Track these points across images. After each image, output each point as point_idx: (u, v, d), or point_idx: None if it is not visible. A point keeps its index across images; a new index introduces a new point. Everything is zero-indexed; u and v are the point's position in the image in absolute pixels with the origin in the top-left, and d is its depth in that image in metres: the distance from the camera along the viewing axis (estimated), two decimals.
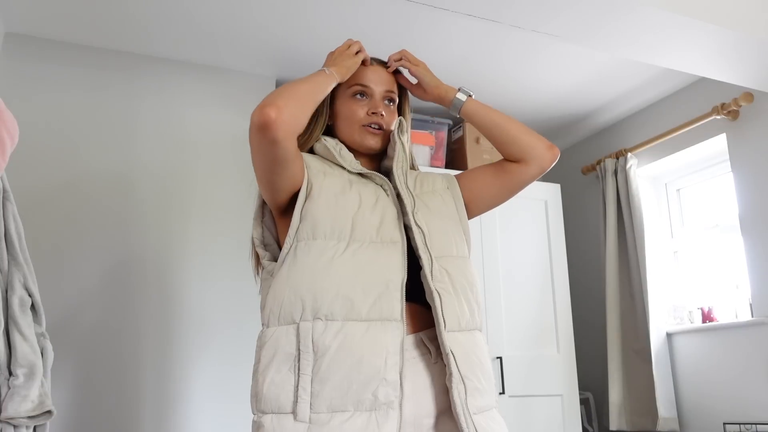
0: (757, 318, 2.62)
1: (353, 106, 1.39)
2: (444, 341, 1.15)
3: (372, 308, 1.14)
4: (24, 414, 1.50)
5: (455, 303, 1.21)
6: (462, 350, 1.17)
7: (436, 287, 1.19)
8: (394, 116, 1.42)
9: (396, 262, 1.19)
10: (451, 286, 1.22)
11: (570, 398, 2.95)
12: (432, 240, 1.25)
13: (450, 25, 2.51)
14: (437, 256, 1.24)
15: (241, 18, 2.45)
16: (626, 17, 2.05)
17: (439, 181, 1.44)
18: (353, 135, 1.38)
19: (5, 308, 1.55)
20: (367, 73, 1.42)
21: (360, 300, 1.14)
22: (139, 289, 2.47)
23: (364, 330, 1.12)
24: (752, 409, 2.61)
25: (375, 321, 1.13)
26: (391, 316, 1.14)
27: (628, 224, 3.15)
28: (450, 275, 1.23)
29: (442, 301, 1.18)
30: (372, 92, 1.40)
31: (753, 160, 2.72)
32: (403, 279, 1.18)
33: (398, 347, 1.13)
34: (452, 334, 1.17)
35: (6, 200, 1.63)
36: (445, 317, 1.17)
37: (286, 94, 1.19)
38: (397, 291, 1.17)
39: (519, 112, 3.30)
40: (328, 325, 1.12)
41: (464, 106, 1.42)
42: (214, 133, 2.74)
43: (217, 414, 2.44)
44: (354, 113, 1.38)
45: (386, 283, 1.16)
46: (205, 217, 2.62)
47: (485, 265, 2.93)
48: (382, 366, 1.10)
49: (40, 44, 2.54)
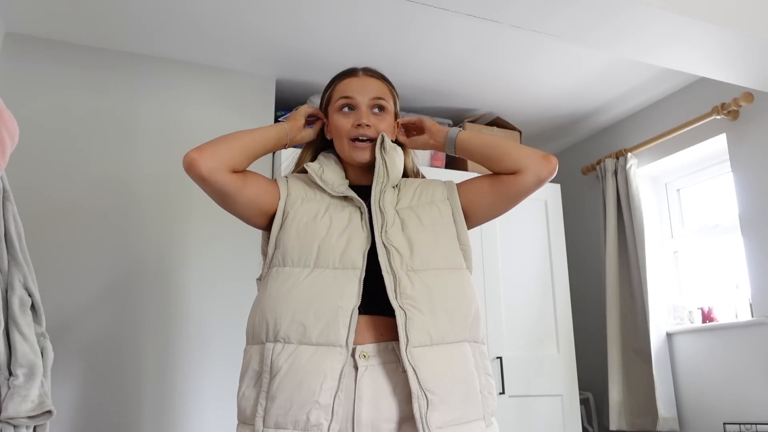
0: (757, 318, 2.62)
1: (341, 120, 1.40)
2: (403, 357, 1.17)
3: (321, 333, 1.19)
4: (24, 414, 1.50)
5: (427, 318, 1.22)
6: (429, 365, 1.18)
7: (403, 304, 1.21)
8: (385, 123, 1.42)
9: (350, 288, 1.22)
10: (426, 300, 1.23)
11: (570, 398, 2.95)
12: (413, 254, 1.27)
13: (450, 25, 2.51)
14: (418, 269, 1.26)
15: (241, 18, 2.45)
16: (626, 17, 2.05)
17: (439, 191, 1.43)
18: (344, 149, 1.40)
19: (5, 308, 1.55)
20: (352, 84, 1.43)
21: (311, 325, 1.19)
22: (139, 289, 2.47)
23: (311, 354, 1.18)
24: (752, 409, 2.61)
25: (322, 346, 1.18)
26: (336, 341, 1.18)
27: (628, 224, 3.15)
28: (429, 288, 1.24)
29: (407, 317, 1.20)
30: (357, 103, 1.40)
31: (753, 160, 2.72)
32: (354, 305, 1.21)
33: (337, 373, 1.17)
34: (419, 350, 1.19)
35: (6, 200, 1.63)
36: (408, 334, 1.19)
37: (216, 139, 1.34)
38: (345, 317, 1.19)
39: (519, 112, 3.30)
40: (284, 347, 1.20)
41: (459, 135, 1.43)
42: (214, 133, 2.70)
43: (217, 414, 2.44)
44: (342, 127, 1.40)
45: (336, 309, 1.20)
46: (205, 217, 2.62)
47: (485, 266, 2.93)
48: (317, 390, 1.15)
49: (40, 44, 2.54)
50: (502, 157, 1.37)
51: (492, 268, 2.94)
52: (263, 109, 2.85)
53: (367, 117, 1.39)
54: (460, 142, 1.42)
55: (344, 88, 1.43)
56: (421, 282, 1.24)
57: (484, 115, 3.29)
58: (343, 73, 1.47)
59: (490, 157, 1.39)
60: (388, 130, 1.42)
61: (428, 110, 3.21)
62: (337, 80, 1.47)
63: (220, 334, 2.51)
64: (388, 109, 1.44)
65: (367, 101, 1.40)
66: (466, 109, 3.24)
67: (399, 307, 1.21)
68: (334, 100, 1.43)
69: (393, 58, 2.74)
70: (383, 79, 1.47)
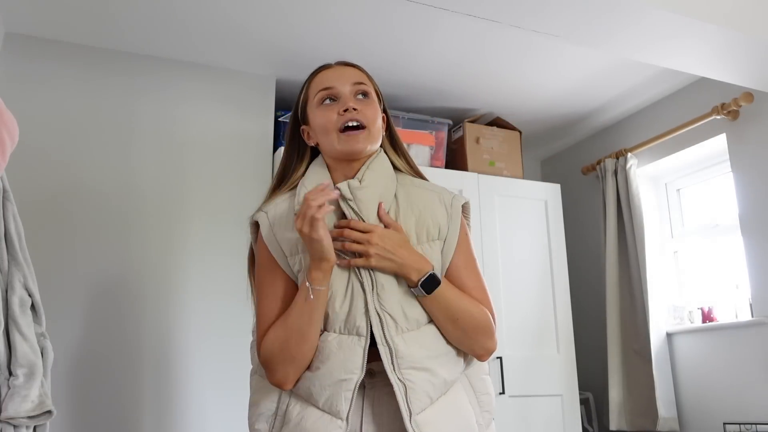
0: (757, 318, 2.62)
1: (324, 113, 1.27)
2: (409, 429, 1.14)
3: (325, 402, 1.18)
4: (24, 414, 1.50)
5: (427, 382, 1.18)
6: (433, 428, 1.16)
7: (402, 377, 1.17)
8: (372, 109, 1.29)
9: (355, 359, 1.17)
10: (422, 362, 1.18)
11: (570, 398, 2.95)
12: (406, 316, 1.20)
13: (450, 25, 2.51)
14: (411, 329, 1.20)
15: (241, 18, 2.45)
16: (626, 17, 2.05)
17: (441, 222, 1.28)
18: (336, 145, 1.26)
19: (5, 308, 1.55)
20: (329, 75, 1.32)
21: (317, 392, 1.19)
22: (139, 288, 2.46)
23: (317, 418, 1.18)
24: (752, 409, 2.61)
25: (326, 413, 1.18)
26: (337, 414, 1.17)
27: (628, 224, 3.15)
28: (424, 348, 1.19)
29: (407, 389, 1.16)
30: (338, 92, 1.28)
31: (753, 160, 2.72)
32: (358, 378, 1.17)
33: None
34: (422, 416, 1.16)
35: (6, 200, 1.63)
36: (411, 405, 1.16)
37: (281, 359, 1.20)
38: (348, 391, 1.17)
39: (519, 112, 3.30)
40: (297, 403, 1.21)
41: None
42: (213, 132, 2.74)
43: (217, 414, 2.44)
44: (327, 120, 1.26)
45: (340, 383, 1.17)
46: (204, 216, 2.62)
47: (485, 266, 2.93)
48: None
49: (40, 44, 2.54)
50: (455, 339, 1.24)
51: (492, 267, 2.94)
52: (263, 109, 2.85)
53: (354, 102, 1.27)
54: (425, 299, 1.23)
55: (321, 81, 1.31)
56: (416, 343, 1.19)
57: (484, 115, 3.30)
58: (315, 70, 1.36)
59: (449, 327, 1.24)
60: (375, 117, 1.29)
61: (428, 110, 3.21)
62: (311, 77, 1.35)
63: (220, 334, 2.51)
64: (372, 95, 1.32)
65: (348, 88, 1.29)
66: (466, 109, 3.25)
67: (398, 380, 1.16)
68: (312, 97, 1.31)
69: (393, 58, 2.74)
70: (360, 68, 1.36)
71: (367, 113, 1.27)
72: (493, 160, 3.14)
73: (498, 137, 3.19)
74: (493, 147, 3.16)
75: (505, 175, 3.14)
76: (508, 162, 3.18)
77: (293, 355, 1.19)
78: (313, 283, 1.17)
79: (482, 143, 3.13)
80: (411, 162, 1.40)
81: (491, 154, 3.14)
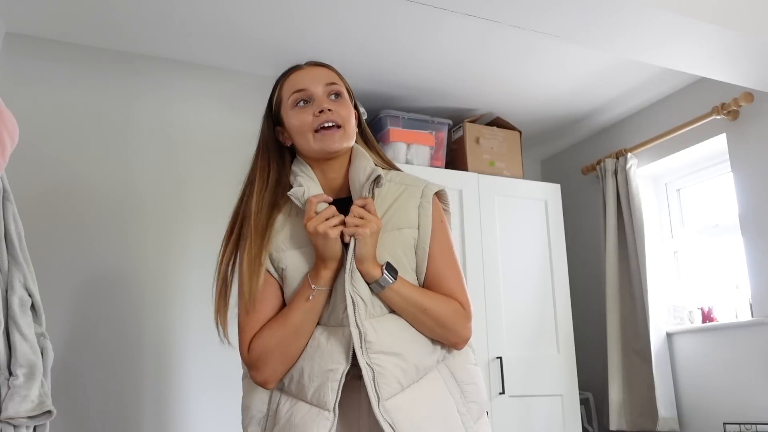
0: (757, 318, 2.62)
1: (299, 115, 1.29)
2: (378, 415, 1.14)
3: (314, 395, 1.19)
4: (24, 414, 1.50)
5: (397, 367, 1.18)
6: (404, 415, 1.16)
7: (370, 361, 1.17)
8: (346, 108, 1.31)
9: (340, 350, 1.19)
10: (391, 348, 1.18)
11: (570, 398, 2.95)
12: (373, 300, 1.21)
13: (449, 24, 2.51)
14: (377, 315, 1.21)
15: (241, 18, 2.45)
16: (626, 17, 2.05)
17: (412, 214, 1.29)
18: (312, 145, 1.28)
19: (5, 308, 1.55)
20: (300, 77, 1.33)
21: (307, 385, 1.20)
22: (139, 288, 2.46)
23: (305, 412, 1.19)
24: (752, 409, 2.61)
25: (314, 407, 1.19)
26: (325, 405, 1.18)
27: (628, 224, 3.15)
28: (392, 335, 1.20)
29: (374, 373, 1.16)
30: (311, 93, 1.30)
31: (753, 160, 2.72)
32: (344, 368, 1.18)
33: None
34: (391, 401, 1.16)
35: (6, 200, 1.63)
36: (379, 390, 1.16)
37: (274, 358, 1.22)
38: (335, 382, 1.18)
39: (519, 112, 3.30)
40: (288, 399, 1.23)
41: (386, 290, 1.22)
42: (213, 132, 2.74)
43: (217, 415, 2.44)
44: (302, 122, 1.28)
45: (327, 373, 1.19)
46: (204, 216, 2.62)
47: (485, 265, 2.93)
48: None
49: (40, 44, 2.54)
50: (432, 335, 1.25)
51: (492, 267, 2.94)
52: (263, 110, 2.84)
53: (328, 103, 1.28)
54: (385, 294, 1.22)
55: (293, 83, 1.32)
56: (384, 329, 1.20)
57: (484, 115, 3.30)
58: (286, 71, 1.37)
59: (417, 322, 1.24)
60: (349, 116, 1.30)
61: (428, 110, 3.21)
62: (282, 79, 1.37)
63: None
64: (344, 94, 1.33)
65: (321, 89, 1.30)
66: (465, 109, 3.25)
67: (366, 364, 1.16)
68: (286, 99, 1.32)
69: (393, 58, 2.74)
70: (331, 67, 1.37)
71: (341, 113, 1.29)
72: (493, 160, 3.14)
73: (498, 137, 3.19)
74: (493, 147, 3.16)
75: (505, 175, 3.14)
76: (508, 162, 3.18)
77: (288, 352, 1.22)
78: (319, 283, 1.20)
79: (482, 143, 3.13)
80: (383, 156, 1.41)
81: (491, 154, 3.14)
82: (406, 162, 2.93)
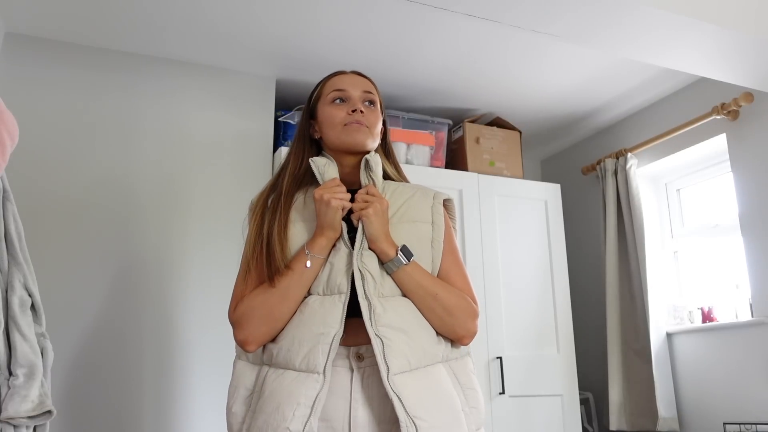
0: (757, 318, 2.62)
1: (333, 111, 1.40)
2: (386, 385, 1.17)
3: (303, 360, 1.21)
4: (24, 414, 1.50)
5: (403, 344, 1.21)
6: (412, 392, 1.18)
7: (379, 333, 1.21)
8: (376, 117, 1.43)
9: (335, 314, 1.22)
10: (399, 326, 1.23)
11: (570, 398, 2.95)
12: (383, 280, 1.27)
13: (450, 25, 2.51)
14: (387, 295, 1.26)
15: (241, 18, 2.45)
16: (626, 17, 2.05)
17: (425, 210, 1.39)
18: (339, 136, 1.39)
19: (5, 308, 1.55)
20: (344, 79, 1.45)
21: (295, 351, 1.22)
22: (140, 289, 2.47)
23: (292, 379, 1.20)
24: (752, 409, 2.61)
25: (302, 372, 1.20)
26: (314, 369, 1.19)
27: (628, 224, 3.15)
28: (400, 315, 1.24)
29: (383, 345, 1.20)
30: (349, 95, 1.42)
31: (753, 160, 2.72)
32: (336, 332, 1.21)
33: (311, 400, 1.17)
34: (400, 377, 1.19)
35: (6, 200, 1.63)
36: (388, 362, 1.19)
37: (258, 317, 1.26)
38: (326, 345, 1.20)
39: (519, 112, 3.30)
40: (275, 371, 1.24)
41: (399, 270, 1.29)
42: (213, 132, 2.74)
43: (217, 415, 2.44)
44: (334, 116, 1.40)
45: (318, 336, 1.21)
46: (205, 216, 2.62)
47: (485, 265, 2.93)
48: (290, 416, 1.16)
49: (40, 44, 2.54)
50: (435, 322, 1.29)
51: (492, 267, 2.94)
52: (263, 109, 2.85)
53: (362, 106, 1.40)
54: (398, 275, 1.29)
55: (336, 83, 1.44)
56: (392, 308, 1.24)
57: (484, 115, 3.30)
58: (332, 73, 1.50)
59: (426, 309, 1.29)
60: (377, 123, 1.43)
61: (428, 110, 3.21)
62: (325, 79, 1.49)
63: (220, 333, 2.51)
64: (377, 105, 1.46)
65: (359, 93, 1.42)
66: (466, 109, 3.25)
67: (375, 335, 1.20)
68: (325, 95, 1.44)
69: (393, 58, 2.74)
70: (371, 80, 1.50)
71: (370, 118, 1.41)
72: (493, 160, 3.14)
73: (498, 137, 3.19)
74: (493, 147, 3.16)
75: (505, 175, 3.14)
76: (508, 162, 3.18)
77: (271, 313, 1.25)
78: (314, 250, 1.27)
79: (482, 143, 3.13)
80: (400, 171, 1.52)
81: (491, 154, 3.14)
82: (406, 162, 2.93)
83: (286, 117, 2.85)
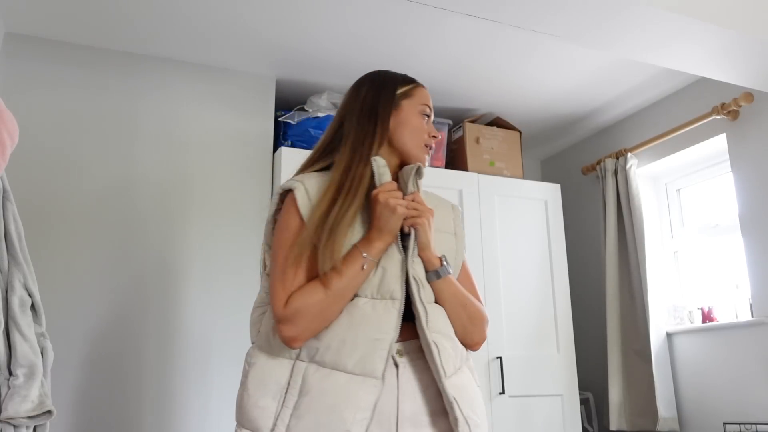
0: (757, 318, 2.62)
1: (421, 123, 1.42)
2: (446, 390, 1.23)
3: (356, 363, 1.20)
4: (24, 414, 1.50)
5: (452, 348, 1.28)
6: (463, 394, 1.25)
7: (433, 339, 1.25)
8: None
9: (389, 320, 1.24)
10: (445, 332, 1.29)
11: (570, 398, 2.95)
12: (425, 286, 1.30)
13: (449, 25, 2.51)
14: (430, 301, 1.30)
15: (242, 18, 2.45)
16: (626, 17, 2.05)
17: (449, 221, 1.46)
18: (415, 148, 1.40)
19: (5, 308, 1.55)
20: (429, 98, 1.47)
21: (346, 353, 1.21)
22: (140, 289, 2.46)
23: (345, 381, 1.19)
24: (752, 409, 2.61)
25: (357, 375, 1.20)
26: (372, 373, 1.20)
27: (628, 224, 3.15)
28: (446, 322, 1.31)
29: (439, 349, 1.25)
30: (431, 115, 1.46)
31: (753, 160, 2.72)
32: (393, 338, 1.23)
33: (371, 404, 1.18)
34: (451, 380, 1.25)
35: (6, 200, 1.63)
36: (444, 367, 1.24)
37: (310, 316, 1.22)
38: (383, 351, 1.21)
39: (519, 112, 3.30)
40: (318, 369, 1.21)
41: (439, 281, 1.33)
42: (214, 132, 2.74)
43: (218, 415, 2.44)
44: (422, 130, 1.41)
45: (374, 342, 1.22)
46: (205, 217, 2.62)
47: (485, 265, 2.93)
48: (350, 419, 1.17)
49: (40, 44, 2.54)
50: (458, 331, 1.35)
51: (492, 267, 2.94)
52: (263, 109, 2.85)
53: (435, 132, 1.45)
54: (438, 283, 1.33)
55: (426, 97, 1.45)
56: (437, 315, 1.29)
57: (484, 115, 3.30)
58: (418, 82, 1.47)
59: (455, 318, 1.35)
60: None
61: None
62: (417, 84, 1.46)
63: (220, 334, 2.51)
64: None
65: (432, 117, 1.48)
66: (466, 109, 3.25)
67: (432, 342, 1.25)
68: (417, 102, 1.43)
69: (393, 58, 2.73)
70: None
71: None
72: (493, 160, 3.14)
73: (498, 137, 3.19)
74: (493, 147, 3.16)
75: (505, 175, 3.14)
76: (508, 162, 3.18)
77: (324, 313, 1.22)
78: (371, 253, 1.25)
79: (482, 143, 3.13)
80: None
81: (491, 154, 3.14)
82: None
83: (286, 117, 2.85)
